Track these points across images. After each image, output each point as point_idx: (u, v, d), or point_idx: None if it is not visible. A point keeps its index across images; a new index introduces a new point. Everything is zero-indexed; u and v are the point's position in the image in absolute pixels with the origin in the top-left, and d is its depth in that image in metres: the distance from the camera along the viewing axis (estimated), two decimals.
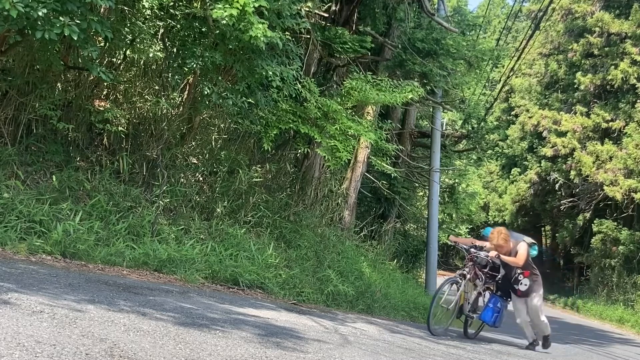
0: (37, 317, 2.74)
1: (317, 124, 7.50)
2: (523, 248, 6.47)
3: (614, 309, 20.06)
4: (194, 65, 6.31)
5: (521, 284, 6.59)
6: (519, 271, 6.55)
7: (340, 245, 9.08)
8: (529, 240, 6.88)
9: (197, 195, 7.33)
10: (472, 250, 6.62)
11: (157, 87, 7.51)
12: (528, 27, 20.24)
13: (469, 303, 6.64)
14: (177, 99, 7.53)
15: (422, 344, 5.18)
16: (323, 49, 8.69)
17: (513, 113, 29.66)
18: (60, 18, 4.77)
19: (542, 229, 33.50)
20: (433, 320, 6.25)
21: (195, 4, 6.34)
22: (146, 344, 2.68)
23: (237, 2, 5.26)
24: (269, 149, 7.36)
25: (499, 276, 6.70)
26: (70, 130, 6.56)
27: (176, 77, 7.01)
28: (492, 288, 6.83)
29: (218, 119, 8.22)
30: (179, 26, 6.74)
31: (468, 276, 6.47)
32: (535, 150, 26.74)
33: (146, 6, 6.53)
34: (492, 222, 36.40)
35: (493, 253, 6.35)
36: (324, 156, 7.88)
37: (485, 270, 6.68)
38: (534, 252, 6.92)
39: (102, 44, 6.49)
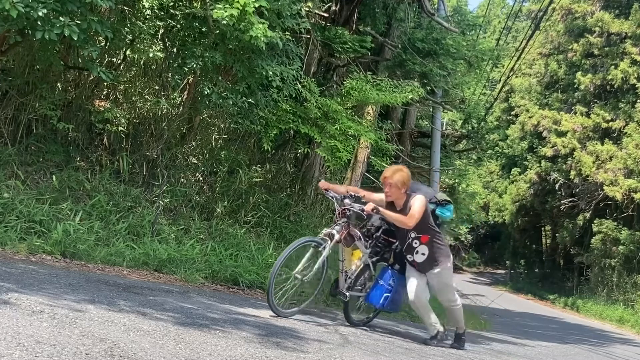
0: (37, 317, 2.74)
1: (317, 124, 7.51)
2: (419, 202, 4.62)
3: (614, 309, 20.07)
4: (194, 65, 6.31)
5: (416, 252, 4.78)
6: (412, 235, 4.74)
7: None
8: (442, 196, 5.09)
9: (197, 195, 7.34)
10: (346, 201, 4.75)
11: (157, 87, 7.52)
12: (528, 27, 20.24)
13: (348, 277, 4.88)
14: (177, 99, 7.53)
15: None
16: (323, 49, 8.69)
17: (513, 113, 29.67)
18: (61, 18, 4.77)
19: (542, 229, 33.52)
20: (275, 296, 4.45)
21: (195, 4, 6.34)
22: (146, 344, 2.68)
23: (238, 2, 5.27)
24: (269, 149, 7.36)
25: (397, 243, 5.00)
26: (70, 130, 6.56)
27: (176, 77, 7.02)
28: (388, 258, 5.15)
29: (218, 119, 8.22)
30: (179, 26, 6.74)
31: (337, 236, 4.65)
32: (535, 150, 26.75)
33: (146, 6, 6.53)
34: (492, 221, 36.54)
35: (370, 206, 4.57)
36: (324, 156, 7.88)
37: (378, 234, 4.99)
38: (447, 214, 5.04)
39: (102, 44, 6.50)
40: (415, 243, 4.78)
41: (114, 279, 4.62)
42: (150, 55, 6.89)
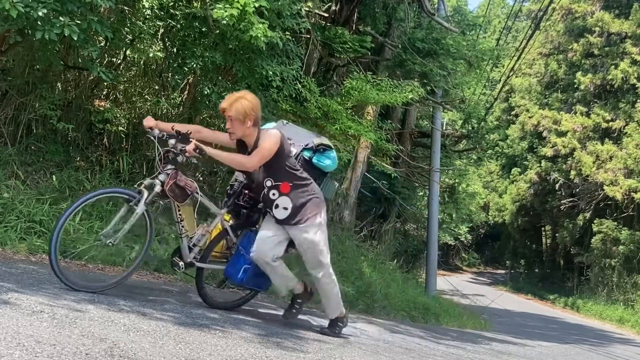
0: (37, 317, 2.74)
1: (317, 124, 7.51)
2: (270, 138, 3.70)
3: (614, 308, 20.09)
4: (194, 65, 6.31)
5: (276, 206, 3.79)
6: (268, 184, 3.77)
7: (340, 245, 9.07)
8: (319, 141, 4.08)
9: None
10: (171, 142, 3.68)
11: (157, 87, 7.51)
12: (528, 27, 20.24)
13: (194, 244, 3.91)
14: (177, 99, 7.53)
15: (422, 343, 5.18)
16: (323, 49, 8.69)
17: (513, 113, 29.71)
18: (60, 18, 4.77)
19: (542, 229, 33.55)
20: (57, 264, 3.45)
21: (195, 4, 6.34)
22: (146, 344, 2.68)
23: (238, 2, 5.26)
24: None
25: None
26: (70, 130, 6.55)
27: (176, 77, 7.02)
28: (255, 221, 4.11)
29: (218, 119, 8.21)
30: (179, 26, 6.74)
31: (158, 188, 3.65)
32: (535, 150, 26.78)
33: (146, 6, 6.52)
34: (492, 221, 36.53)
35: (192, 145, 3.59)
36: None
37: (239, 189, 4.03)
38: (327, 163, 4.06)
39: (102, 44, 6.49)
40: (274, 194, 3.78)
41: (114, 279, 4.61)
42: (150, 55, 6.88)
